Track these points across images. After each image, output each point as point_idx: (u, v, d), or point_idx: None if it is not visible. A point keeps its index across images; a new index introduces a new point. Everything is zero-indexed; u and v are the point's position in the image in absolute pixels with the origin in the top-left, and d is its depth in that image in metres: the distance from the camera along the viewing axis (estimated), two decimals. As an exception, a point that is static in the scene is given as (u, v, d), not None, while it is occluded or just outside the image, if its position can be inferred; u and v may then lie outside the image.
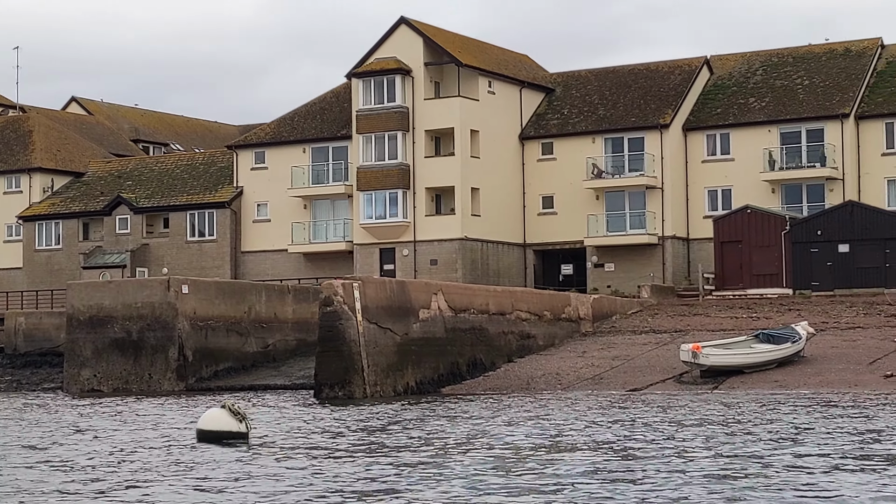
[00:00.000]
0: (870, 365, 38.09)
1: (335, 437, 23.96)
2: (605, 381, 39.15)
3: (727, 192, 61.21)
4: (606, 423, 26.03)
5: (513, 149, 64.28)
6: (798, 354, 39.64)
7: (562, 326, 46.46)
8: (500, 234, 62.94)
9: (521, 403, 33.30)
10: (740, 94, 63.44)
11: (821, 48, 64.86)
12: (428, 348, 39.34)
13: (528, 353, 43.96)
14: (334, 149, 65.21)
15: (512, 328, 43.64)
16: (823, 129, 59.84)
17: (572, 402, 33.05)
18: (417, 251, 61.85)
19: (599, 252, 62.17)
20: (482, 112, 62.51)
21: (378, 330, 37.28)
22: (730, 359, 38.59)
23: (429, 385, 39.25)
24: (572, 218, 62.74)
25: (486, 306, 42.51)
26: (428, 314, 39.50)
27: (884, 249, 53.18)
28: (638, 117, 62.88)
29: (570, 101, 66.08)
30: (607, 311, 49.81)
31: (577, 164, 62.89)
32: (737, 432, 23.66)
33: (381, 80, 62.46)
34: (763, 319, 46.98)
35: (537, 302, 45.40)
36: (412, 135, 62.14)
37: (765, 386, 36.64)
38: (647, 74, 65.77)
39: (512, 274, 63.17)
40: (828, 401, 31.86)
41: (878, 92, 60.87)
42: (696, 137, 62.39)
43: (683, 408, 30.33)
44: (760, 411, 28.83)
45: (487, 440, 22.91)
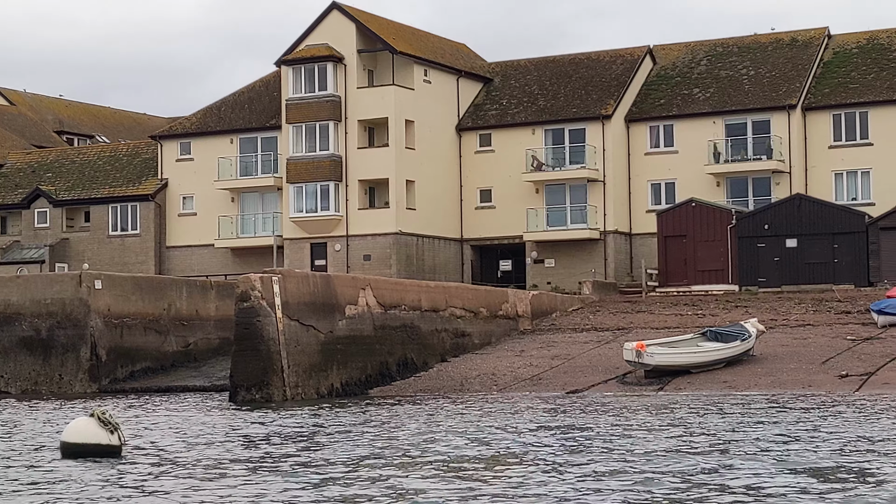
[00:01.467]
0: (823, 364, 36.03)
1: (232, 448, 21.34)
2: (544, 381, 36.84)
3: (671, 186, 59.19)
4: (541, 429, 23.66)
5: (449, 140, 61.91)
6: (748, 353, 37.50)
7: (499, 324, 44.12)
8: (437, 228, 60.56)
9: (453, 406, 30.89)
10: (684, 84, 61.45)
11: (767, 38, 63.02)
12: (355, 347, 36.81)
13: (463, 352, 41.57)
14: (263, 139, 62.56)
15: (446, 326, 41.22)
16: (769, 120, 57.97)
17: (507, 405, 30.68)
18: (350, 246, 59.34)
19: (539, 247, 59.97)
20: (417, 102, 60.07)
21: (300, 327, 34.69)
22: (676, 358, 36.36)
23: (355, 386, 36.73)
24: (511, 212, 60.49)
25: (419, 302, 40.05)
26: (355, 311, 36.97)
27: (832, 244, 51.31)
28: (579, 108, 60.73)
29: (509, 92, 63.82)
30: (547, 309, 47.54)
31: (517, 157, 60.66)
32: (683, 437, 21.37)
33: (311, 67, 59.88)
34: (709, 317, 44.94)
35: (473, 298, 43.02)
36: (344, 125, 59.62)
37: (713, 387, 34.47)
38: (589, 64, 63.65)
39: (449, 270, 60.79)
40: (781, 403, 29.69)
41: (824, 83, 59.09)
42: (638, 129, 60.33)
43: (626, 410, 28.04)
44: (709, 415, 26.58)
45: (408, 449, 20.46)
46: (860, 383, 33.25)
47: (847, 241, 51.14)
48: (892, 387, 32.54)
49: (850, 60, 60.13)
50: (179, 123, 66.04)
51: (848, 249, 51.06)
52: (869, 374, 34.14)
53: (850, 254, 51.02)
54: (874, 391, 32.23)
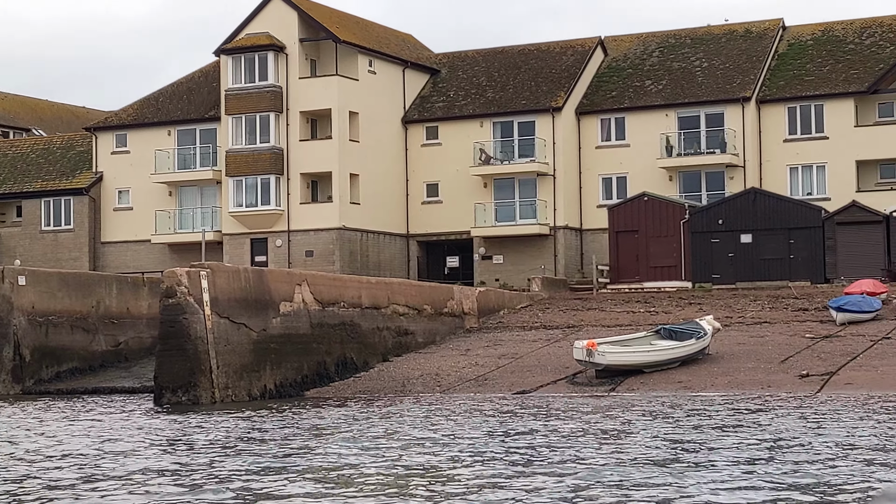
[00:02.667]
0: (782, 363, 34.40)
1: (136, 455, 19.34)
2: (490, 382, 35.00)
3: (622, 180, 57.59)
4: (483, 434, 21.81)
5: (395, 133, 60.01)
6: (703, 352, 35.79)
7: (444, 322, 42.26)
8: (382, 223, 58.64)
9: (392, 409, 28.99)
10: (636, 76, 59.86)
11: (720, 29, 61.57)
12: (290, 346, 34.80)
13: (406, 351, 39.67)
14: (202, 131, 60.43)
15: (388, 324, 39.29)
16: (723, 113, 56.49)
17: (450, 407, 28.82)
18: (292, 242, 57.31)
19: (487, 243, 58.18)
20: (362, 93, 58.12)
21: (230, 325, 32.64)
22: (628, 357, 34.59)
23: (291, 388, 34.72)
24: (458, 207, 58.68)
25: (359, 299, 38.10)
26: (290, 307, 34.95)
27: (788, 240, 49.81)
28: (528, 100, 59.01)
29: (456, 83, 62.01)
30: (494, 306, 45.75)
31: (464, 150, 58.86)
32: (635, 444, 19.60)
33: (252, 57, 57.80)
34: (662, 314, 43.31)
35: (417, 295, 41.13)
36: (286, 116, 57.59)
37: (668, 387, 32.75)
38: (539, 55, 61.96)
39: (394, 266, 58.88)
40: (740, 405, 28.01)
41: (779, 75, 57.68)
42: (589, 122, 58.67)
43: (575, 413, 26.25)
44: (662, 418, 24.84)
45: (329, 457, 18.56)
46: (821, 384, 31.65)
47: (803, 236, 49.70)
48: (854, 387, 30.95)
49: (805, 52, 58.78)
50: (115, 115, 63.71)
51: (804, 245, 49.61)
52: (830, 373, 32.55)
53: (806, 250, 49.57)
54: (836, 392, 30.64)
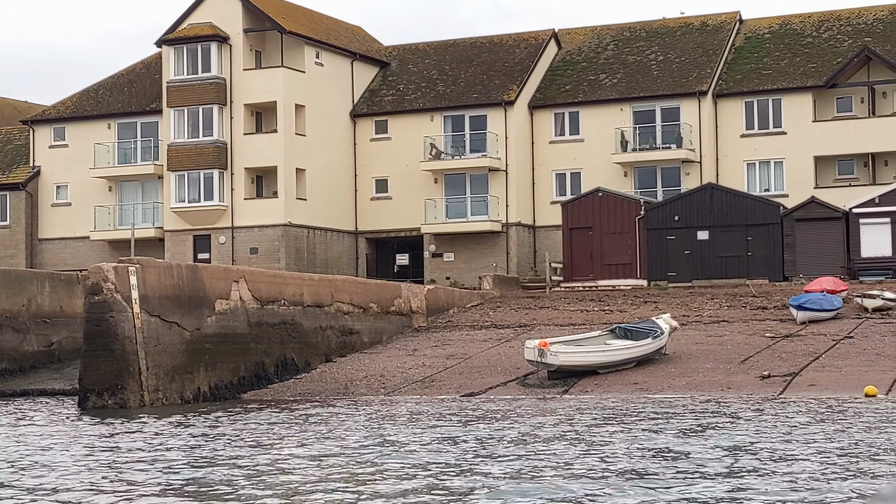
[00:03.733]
0: (742, 364, 32.96)
1: (40, 463, 17.55)
2: (437, 383, 33.37)
3: (576, 176, 56.13)
4: (425, 439, 20.17)
5: (343, 127, 58.29)
6: (660, 352, 34.29)
7: (391, 321, 40.59)
8: (329, 220, 56.90)
9: (331, 412, 27.29)
10: (590, 69, 58.44)
11: (676, 22, 60.27)
12: (226, 346, 33.00)
13: (351, 351, 37.98)
14: (143, 124, 58.51)
15: (331, 322, 37.57)
16: (679, 107, 55.15)
17: (393, 410, 27.16)
18: (236, 238, 55.48)
19: (438, 240, 56.57)
20: (309, 85, 56.36)
21: (161, 324, 30.80)
22: (582, 357, 33.03)
23: (226, 390, 32.92)
24: (408, 203, 57.04)
25: (301, 297, 36.35)
26: (227, 305, 33.15)
27: (745, 237, 48.51)
28: (480, 94, 57.45)
29: (406, 76, 60.36)
30: (444, 304, 44.16)
31: (414, 144, 57.23)
32: (588, 452, 18.04)
33: (194, 47, 55.92)
34: (617, 313, 41.87)
35: (362, 293, 39.43)
36: (230, 109, 55.77)
37: (623, 389, 31.23)
38: (491, 48, 60.42)
39: (342, 264, 57.16)
40: (699, 407, 26.53)
41: (736, 69, 56.41)
42: (542, 116, 57.17)
43: (524, 416, 24.66)
44: (618, 422, 23.29)
45: (257, 467, 16.87)
46: (784, 385, 30.23)
47: (761, 233, 48.41)
48: (819, 389, 29.55)
49: (762, 46, 57.55)
50: (53, 108, 61.60)
51: (762, 242, 48.33)
52: (793, 374, 31.14)
53: (764, 247, 48.29)
54: (800, 393, 29.21)
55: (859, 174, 53.76)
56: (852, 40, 56.01)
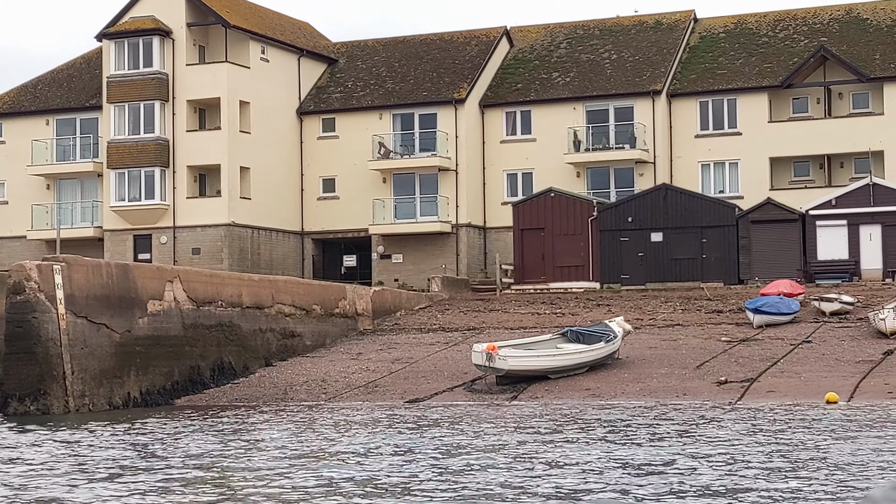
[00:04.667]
0: (697, 369, 31.74)
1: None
2: (381, 389, 31.94)
3: (528, 176, 54.87)
4: (360, 449, 18.76)
5: (289, 124, 56.76)
6: (613, 356, 33.01)
7: (335, 323, 39.12)
8: (274, 220, 55.33)
9: (264, 419, 25.82)
10: (543, 68, 57.21)
11: (629, 20, 59.16)
12: (159, 349, 31.40)
13: (292, 354, 36.49)
14: (83, 121, 56.74)
15: (272, 325, 36.04)
16: (633, 107, 54.01)
17: (331, 418, 25.71)
18: (178, 238, 53.82)
19: (386, 241, 55.15)
20: (254, 81, 54.80)
21: (89, 326, 29.18)
22: (532, 361, 31.67)
23: (159, 395, 31.33)
24: (356, 203, 55.58)
25: (239, 298, 34.81)
26: (160, 307, 31.56)
27: (700, 239, 47.40)
28: (430, 91, 56.08)
29: (354, 73, 58.91)
30: (391, 307, 42.76)
31: (363, 143, 55.79)
32: (533, 464, 16.69)
33: (136, 41, 54.23)
34: (569, 316, 40.65)
35: (305, 294, 37.93)
36: (172, 105, 54.11)
37: (574, 395, 29.91)
38: (441, 45, 59.08)
39: (287, 265, 55.61)
40: (654, 415, 25.24)
41: (691, 68, 55.36)
42: (494, 115, 55.88)
43: (470, 424, 23.28)
44: (568, 430, 21.96)
45: (168, 482, 15.40)
46: (742, 391, 29.01)
47: (716, 235, 47.33)
48: (778, 395, 28.34)
49: (717, 45, 56.55)
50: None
51: (717, 244, 47.25)
52: (750, 380, 29.93)
53: (719, 249, 47.21)
54: (759, 400, 27.99)
55: (815, 176, 52.85)
56: (808, 40, 55.10)
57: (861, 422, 22.72)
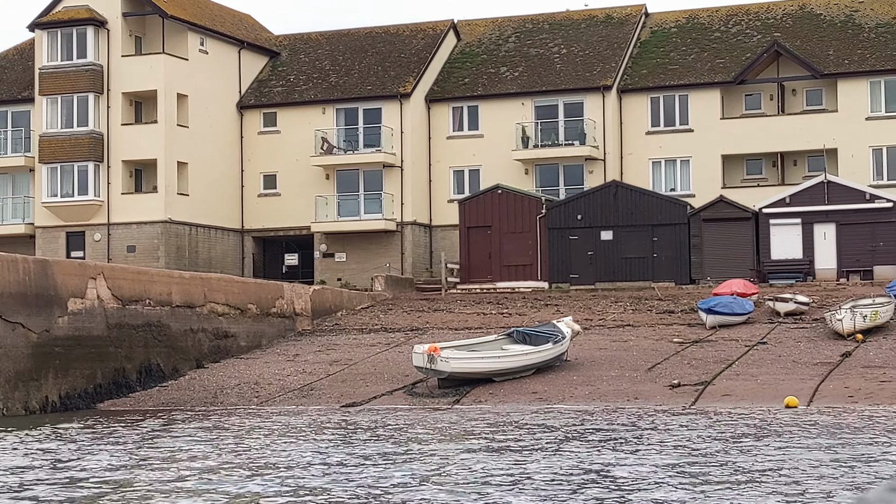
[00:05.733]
0: (649, 371, 30.30)
1: None
2: (317, 392, 30.29)
3: (475, 173, 53.40)
4: (259, 465, 17.14)
5: (229, 118, 55.00)
6: (561, 358, 31.53)
7: (271, 323, 37.43)
8: (213, 217, 53.54)
9: (186, 426, 24.13)
10: (491, 62, 55.77)
11: (580, 14, 57.86)
12: (80, 350, 29.60)
13: (225, 356, 34.78)
14: (14, 114, 54.80)
15: (204, 325, 34.30)
16: (583, 102, 52.66)
17: (259, 424, 24.05)
18: (112, 235, 51.93)
19: (329, 240, 53.51)
20: (192, 74, 53.00)
21: (3, 325, 27.30)
22: (476, 364, 30.13)
23: (80, 399, 29.52)
24: (298, 200, 53.94)
25: (169, 296, 33.05)
26: (82, 305, 29.77)
27: (651, 237, 46.09)
28: (375, 86, 54.50)
29: (297, 67, 57.23)
30: (331, 306, 41.13)
31: (305, 138, 54.15)
32: (475, 474, 15.15)
33: (69, 32, 52.30)
34: (516, 316, 39.20)
35: (240, 292, 36.22)
36: (107, 97, 52.22)
37: (520, 399, 28.40)
38: (387, 38, 57.50)
39: (227, 264, 53.83)
40: (604, 420, 23.78)
41: (642, 63, 54.10)
42: (440, 110, 54.37)
43: (406, 431, 21.72)
44: (514, 438, 20.44)
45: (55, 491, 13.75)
46: (696, 394, 27.59)
47: (667, 233, 46.04)
48: (734, 399, 26.94)
49: (668, 40, 55.33)
50: (-82, 94, 57.45)
51: (668, 243, 45.96)
52: (705, 383, 28.52)
53: (670, 248, 45.93)
54: (713, 404, 26.58)
55: (768, 174, 51.74)
56: (761, 35, 53.97)
57: (825, 427, 21.36)
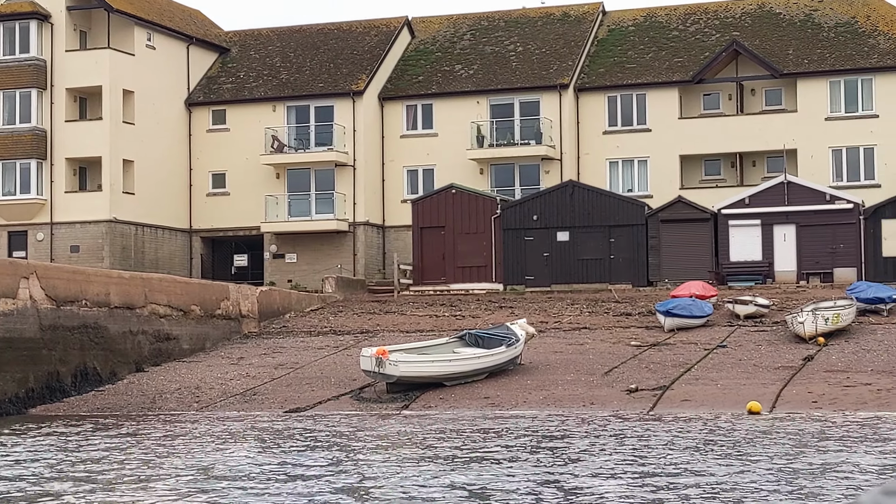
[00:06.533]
0: (606, 375, 29.23)
1: None
2: (260, 397, 29.04)
3: (429, 172, 52.28)
4: (181, 478, 15.93)
5: (177, 116, 53.62)
6: (514, 361, 30.41)
7: (216, 325, 36.14)
8: (160, 216, 52.14)
9: (115, 434, 22.83)
10: (445, 60, 54.67)
11: (536, 12, 56.87)
12: (11, 353, 28.21)
13: (167, 359, 33.47)
14: (-46, 109, 52.99)
15: (144, 327, 32.98)
16: (539, 101, 51.65)
17: (194, 431, 22.79)
18: (55, 235, 50.44)
19: (279, 240, 52.25)
20: (139, 69, 51.59)
21: (-74, 326, 26.02)
22: (426, 367, 28.95)
23: (10, 404, 28.13)
24: (248, 199, 52.65)
25: (107, 297, 31.71)
26: (13, 305, 28.38)
27: (608, 238, 45.12)
28: (327, 83, 53.28)
29: (247, 63, 55.93)
30: (279, 308, 39.89)
31: (255, 136, 52.89)
32: (416, 487, 14.00)
33: (11, 25, 50.81)
34: (469, 318, 38.13)
35: (183, 293, 34.90)
36: (50, 93, 50.76)
37: (472, 404, 27.25)
38: (339, 35, 56.30)
39: (174, 264, 52.43)
40: (559, 427, 22.67)
41: (599, 62, 53.14)
42: (394, 108, 53.20)
43: (349, 440, 20.52)
44: (463, 448, 19.30)
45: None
46: (654, 400, 26.52)
47: (625, 234, 45.09)
48: (694, 404, 25.89)
49: (626, 39, 54.42)
50: None
51: (625, 244, 45.01)
52: (663, 387, 27.47)
53: (627, 249, 44.97)
54: (673, 410, 25.52)
55: (726, 175, 50.89)
56: (720, 34, 53.14)
57: (790, 434, 20.34)
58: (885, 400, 25.41)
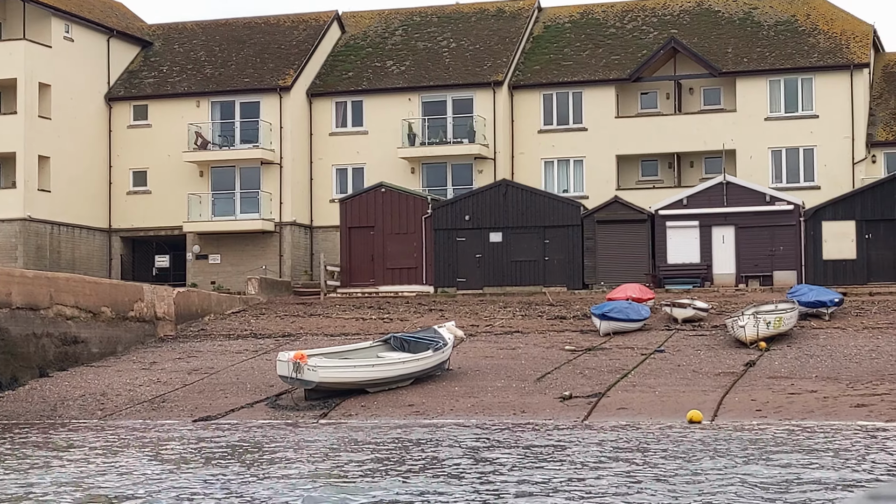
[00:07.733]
0: (538, 381, 27.65)
1: None
2: (169, 405, 27.19)
3: (359, 171, 50.60)
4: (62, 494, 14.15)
5: (96, 110, 51.56)
6: (442, 367, 28.76)
7: (129, 328, 34.20)
8: (78, 215, 50.05)
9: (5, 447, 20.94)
10: (376, 56, 53.01)
11: (470, 7, 55.39)
12: None
13: (74, 363, 31.51)
14: None
15: (49, 329, 31.00)
16: (472, 99, 50.15)
17: (85, 443, 20.94)
18: (-34, 234, 48.15)
19: (203, 240, 50.33)
20: (56, 62, 49.49)
21: None
22: (347, 372, 27.22)
23: None
24: (170, 198, 50.71)
25: (8, 297, 29.70)
26: None
27: (542, 239, 43.65)
28: (253, 78, 51.47)
29: (170, 57, 53.95)
30: (198, 310, 38.01)
31: (178, 133, 50.97)
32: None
33: (-79, 13, 48.46)
34: (397, 322, 36.50)
35: (92, 294, 32.94)
36: (-38, 85, 48.48)
37: (395, 412, 25.57)
38: (266, 29, 54.50)
39: (93, 265, 50.36)
40: (487, 437, 21.06)
41: (534, 59, 51.72)
42: (322, 105, 51.47)
43: (263, 453, 18.78)
44: (382, 460, 17.62)
45: None
46: (588, 408, 24.97)
47: (559, 236, 43.64)
48: (631, 412, 24.36)
49: (562, 35, 53.04)
50: None
51: (560, 246, 43.55)
52: (598, 395, 25.92)
53: (562, 251, 43.52)
54: (608, 418, 23.98)
55: (664, 176, 49.62)
56: (658, 32, 51.88)
57: (734, 445, 18.85)
58: (831, 408, 24.04)
